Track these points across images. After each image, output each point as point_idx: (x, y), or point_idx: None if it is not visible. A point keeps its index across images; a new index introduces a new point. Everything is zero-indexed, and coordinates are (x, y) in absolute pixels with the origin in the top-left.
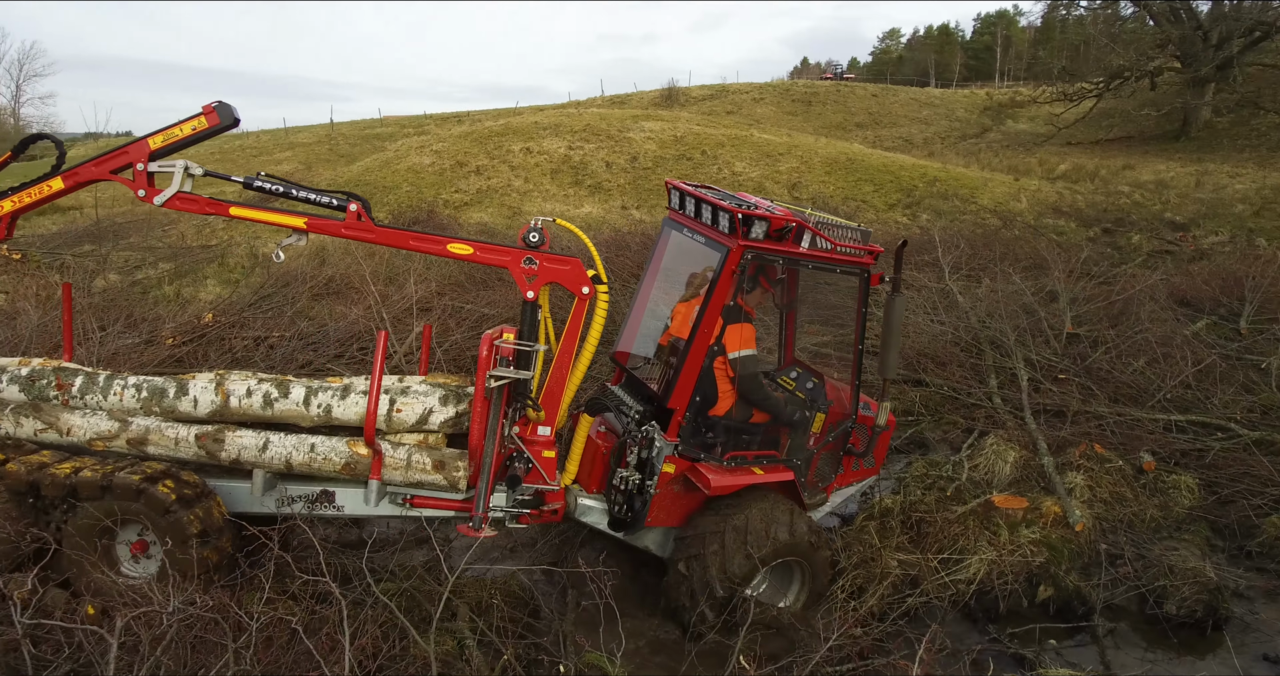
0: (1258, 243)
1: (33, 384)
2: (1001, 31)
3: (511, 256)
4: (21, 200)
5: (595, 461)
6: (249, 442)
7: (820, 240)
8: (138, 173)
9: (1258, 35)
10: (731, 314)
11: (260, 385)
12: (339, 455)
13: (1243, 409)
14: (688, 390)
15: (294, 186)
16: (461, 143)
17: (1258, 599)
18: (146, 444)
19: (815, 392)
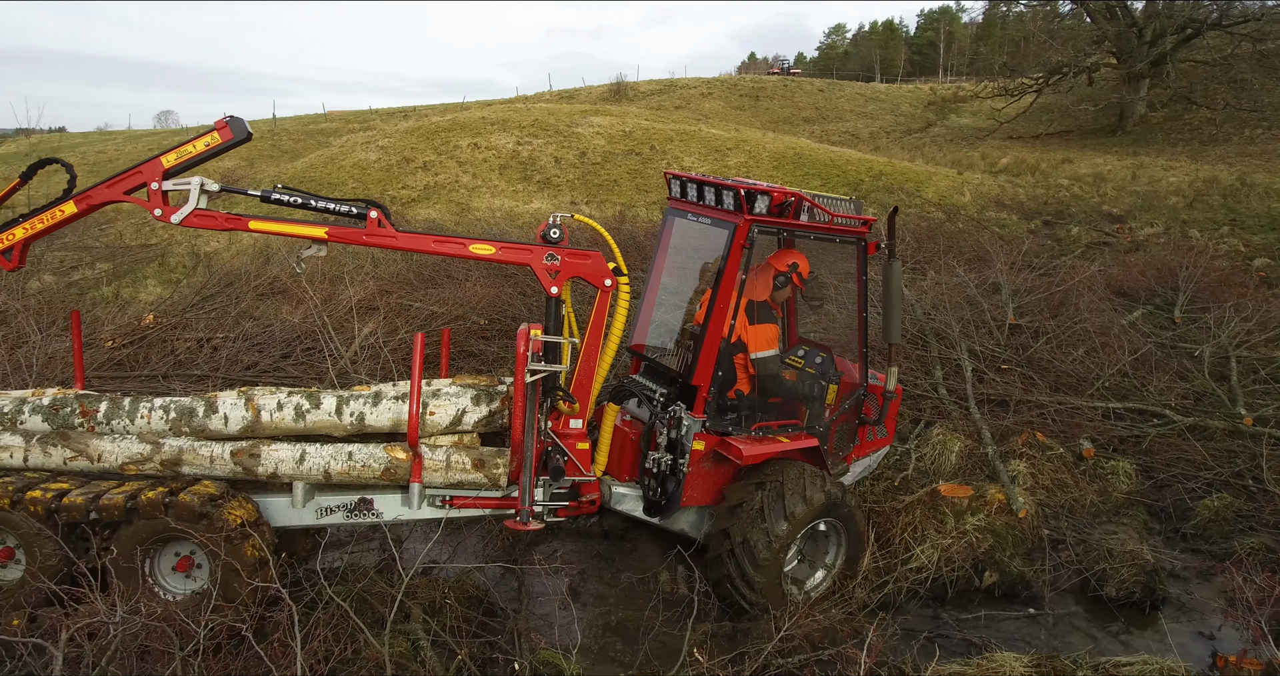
0: (1190, 234)
1: (56, 413)
2: (944, 28)
3: (533, 253)
4: (34, 226)
5: (625, 450)
6: (286, 455)
7: (818, 212)
8: (152, 192)
9: (1190, 32)
10: (756, 313)
11: (290, 398)
12: (378, 461)
13: (1177, 396)
14: (709, 366)
15: (312, 197)
16: (408, 138)
17: (1192, 579)
18: (181, 464)
19: (825, 366)
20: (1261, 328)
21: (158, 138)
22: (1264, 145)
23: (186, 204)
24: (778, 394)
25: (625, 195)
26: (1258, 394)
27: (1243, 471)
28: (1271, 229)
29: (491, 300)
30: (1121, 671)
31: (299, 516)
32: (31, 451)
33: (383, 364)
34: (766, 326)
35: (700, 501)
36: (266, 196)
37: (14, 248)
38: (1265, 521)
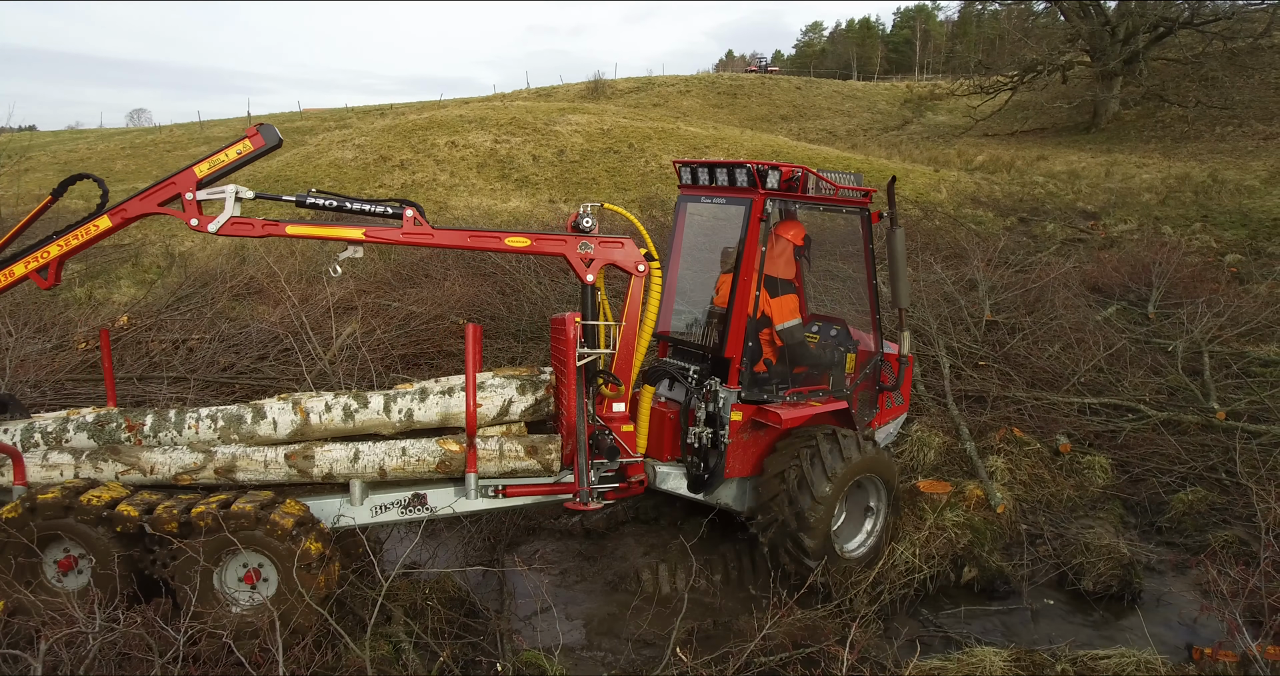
0: (1163, 230)
1: (102, 429)
2: (920, 26)
3: (567, 244)
4: (69, 243)
5: (664, 430)
6: (340, 455)
7: (823, 185)
8: (187, 202)
9: (1162, 31)
10: (775, 287)
11: (338, 399)
12: (432, 455)
13: (1151, 391)
14: (740, 338)
15: (347, 199)
16: (385, 137)
17: (1167, 572)
18: (235, 471)
19: (840, 337)
20: (1233, 323)
21: (130, 136)
22: (1234, 142)
23: (222, 212)
24: (804, 362)
25: (604, 193)
26: (1230, 388)
27: (1216, 465)
28: (1242, 225)
29: (471, 300)
30: (1099, 664)
31: (355, 516)
32: (82, 467)
33: (361, 365)
34: (787, 297)
35: (742, 472)
36: (302, 201)
37: (49, 265)
38: (1238, 514)
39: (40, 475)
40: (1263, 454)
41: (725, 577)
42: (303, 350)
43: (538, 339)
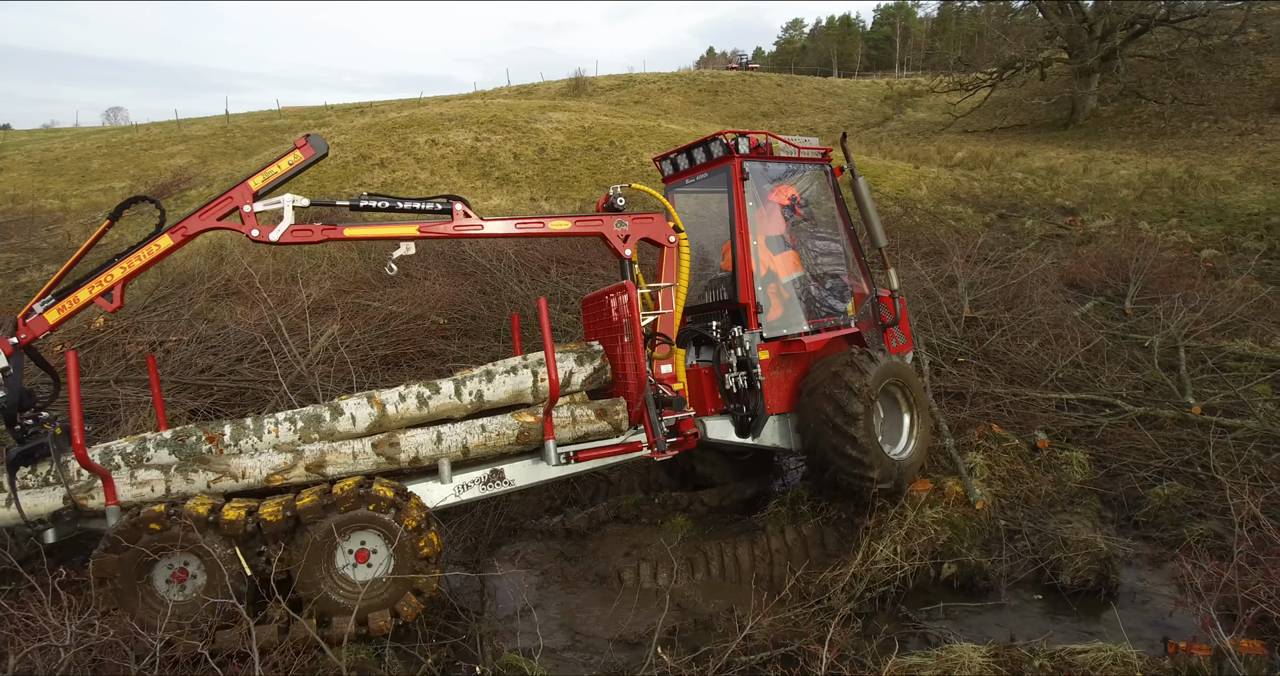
0: (1140, 226)
1: (182, 444)
2: (900, 23)
3: (604, 223)
4: (131, 264)
5: (702, 386)
6: (423, 439)
7: (786, 147)
8: (246, 215)
9: (1138, 28)
10: (774, 245)
11: (410, 389)
12: (510, 428)
13: (1128, 386)
14: (749, 285)
15: (398, 200)
16: (365, 135)
17: (1144, 566)
18: (324, 465)
19: (837, 284)
20: (1209, 318)
21: (106, 135)
22: (1210, 138)
23: (281, 221)
24: (811, 308)
25: (585, 191)
26: (1205, 383)
27: (1191, 459)
28: (1218, 220)
29: (451, 299)
30: (1076, 659)
31: (440, 495)
32: (173, 480)
33: (339, 366)
34: (787, 253)
35: (780, 408)
36: (355, 204)
37: (114, 288)
38: (1213, 508)
39: (131, 493)
40: (1237, 448)
41: (707, 577)
42: (282, 352)
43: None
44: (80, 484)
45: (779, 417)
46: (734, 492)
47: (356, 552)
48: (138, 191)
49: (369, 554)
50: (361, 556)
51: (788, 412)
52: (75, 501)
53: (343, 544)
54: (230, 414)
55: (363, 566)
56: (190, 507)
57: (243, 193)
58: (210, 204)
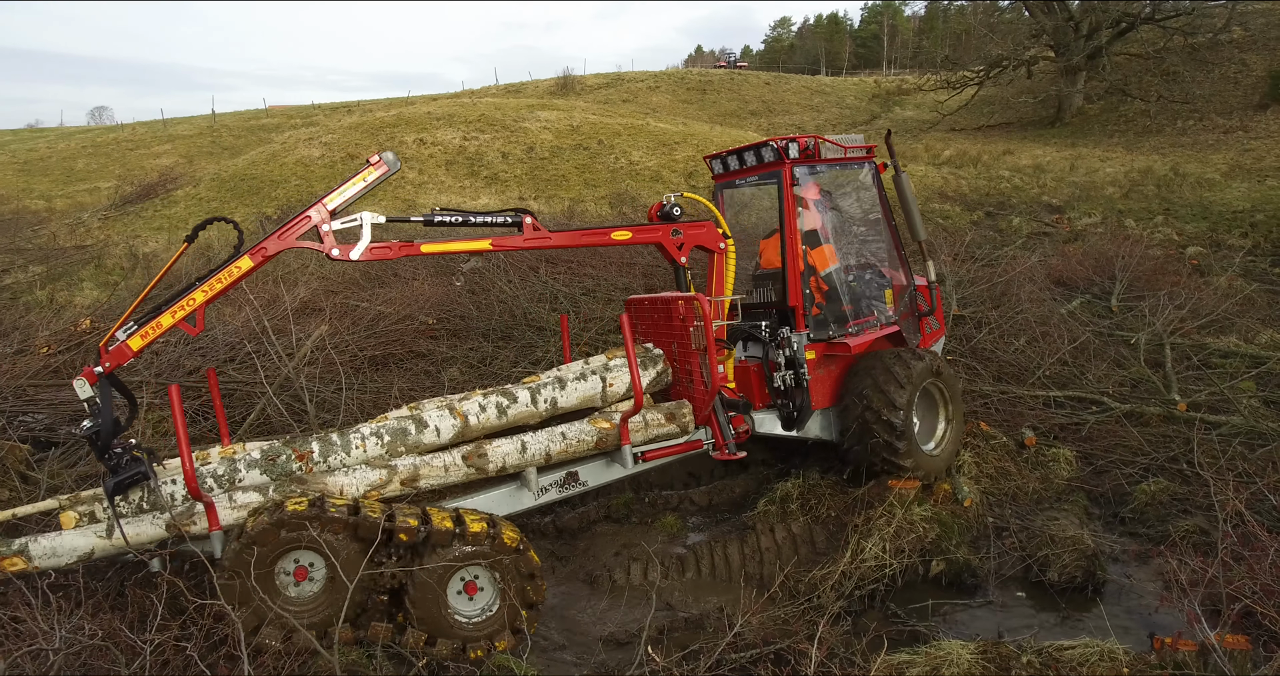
0: (1126, 224)
1: (273, 463)
2: (888, 21)
3: (662, 232)
4: (212, 287)
5: (750, 383)
6: (509, 449)
7: (834, 148)
8: (325, 234)
9: (1124, 26)
10: (811, 239)
11: (488, 398)
12: (589, 435)
13: (1114, 383)
14: (798, 288)
15: (471, 214)
16: (352, 134)
17: (1130, 562)
18: (418, 479)
19: (874, 277)
20: (1194, 315)
21: (92, 135)
22: (1195, 136)
23: (361, 239)
24: (849, 299)
25: (574, 190)
26: (1190, 380)
27: (1177, 456)
28: (1203, 218)
29: (439, 299)
30: (1063, 655)
31: (520, 501)
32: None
33: (328, 366)
34: (823, 248)
35: (823, 403)
36: (429, 220)
37: (196, 312)
38: (1198, 504)
39: (232, 517)
40: (1222, 445)
41: (697, 575)
42: (271, 351)
43: (508, 338)
44: (180, 510)
45: (820, 411)
46: (723, 491)
47: (467, 584)
48: (123, 191)
49: (477, 588)
50: (471, 589)
51: (830, 407)
52: (180, 528)
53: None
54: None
55: (470, 598)
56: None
57: (319, 211)
58: (288, 223)
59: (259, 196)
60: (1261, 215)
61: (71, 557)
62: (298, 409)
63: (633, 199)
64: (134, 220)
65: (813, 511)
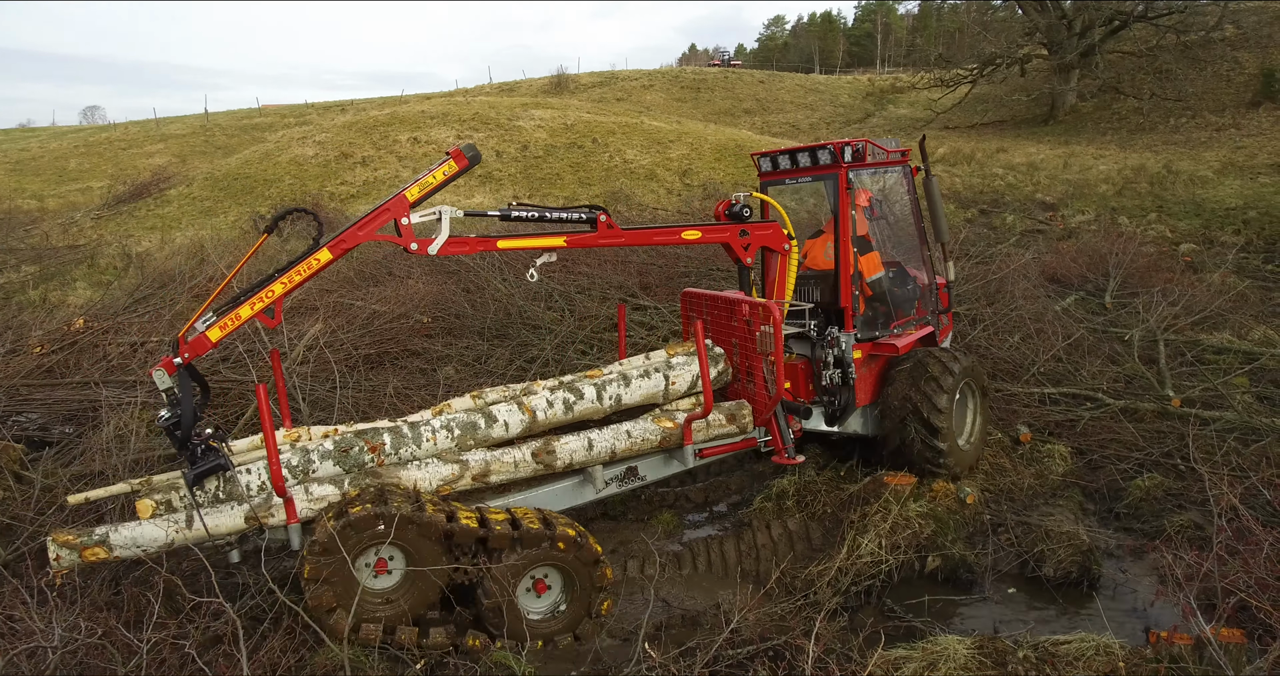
0: (1120, 221)
1: (346, 454)
2: (881, 19)
3: (731, 232)
4: (291, 279)
5: (798, 380)
6: (576, 446)
7: (879, 151)
8: (404, 227)
9: (1117, 24)
10: (861, 245)
11: (556, 394)
12: (652, 434)
13: (1109, 379)
14: (849, 291)
15: (547, 210)
16: (346, 133)
17: (1126, 557)
18: (489, 475)
19: (901, 276)
20: (1187, 311)
21: (84, 134)
22: (1188, 133)
23: (440, 233)
24: (891, 303)
25: (568, 188)
26: (1184, 376)
27: (1171, 451)
28: (1196, 215)
29: (435, 298)
30: (1059, 649)
31: (583, 495)
32: (348, 494)
33: (323, 365)
34: (871, 254)
35: (865, 401)
36: (506, 215)
37: (274, 304)
38: (1193, 499)
39: (309, 510)
40: (1216, 440)
41: (693, 572)
42: (263, 351)
43: (503, 337)
44: (258, 501)
45: (860, 408)
46: (719, 488)
47: (536, 582)
48: (116, 191)
49: (546, 587)
50: (540, 587)
51: (869, 404)
52: (259, 519)
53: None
54: (211, 415)
55: (540, 596)
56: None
57: (399, 205)
58: (368, 216)
59: (252, 195)
60: (1254, 212)
61: (152, 547)
62: (292, 408)
63: (627, 197)
64: (127, 220)
65: (809, 508)
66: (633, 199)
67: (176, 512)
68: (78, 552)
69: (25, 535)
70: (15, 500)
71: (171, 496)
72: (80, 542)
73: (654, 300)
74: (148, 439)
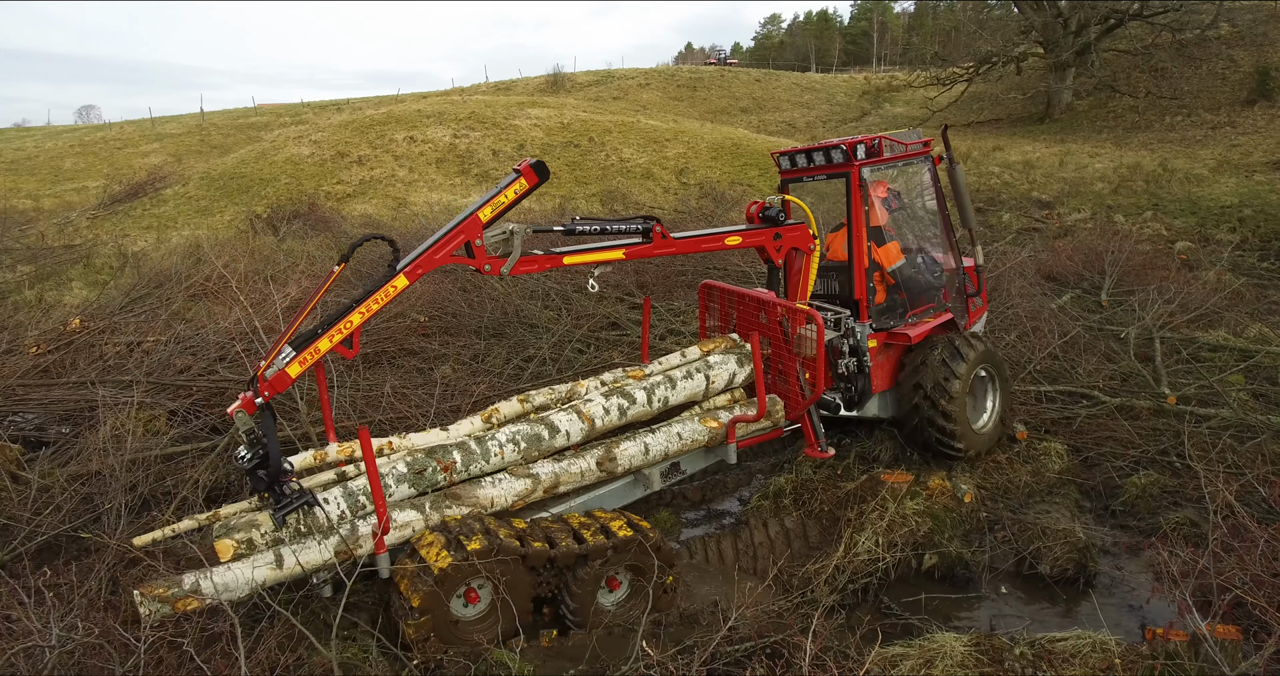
0: (1116, 219)
1: (420, 476)
2: (877, 18)
3: (766, 235)
4: (369, 309)
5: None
6: (634, 451)
7: (896, 146)
8: (478, 249)
9: (1112, 22)
10: (878, 237)
11: (610, 401)
12: (700, 435)
13: (1105, 377)
14: (863, 282)
15: (607, 221)
16: (342, 132)
17: (1122, 554)
18: (559, 486)
19: (928, 263)
20: (1183, 309)
21: (79, 134)
22: (1183, 131)
23: (513, 252)
24: (913, 291)
25: (564, 187)
26: (1180, 373)
27: (1167, 449)
28: (1192, 213)
29: (431, 297)
30: (1056, 646)
31: (634, 493)
32: (430, 518)
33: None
34: (890, 244)
35: (882, 387)
36: (570, 229)
37: (354, 333)
38: (1188, 496)
39: (397, 536)
40: (1212, 437)
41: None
42: (261, 350)
43: (500, 336)
44: (347, 534)
45: (879, 394)
46: (717, 486)
47: (609, 580)
48: (111, 190)
49: (618, 582)
50: (613, 583)
51: (888, 390)
52: (351, 552)
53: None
54: (208, 414)
55: (612, 591)
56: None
57: (473, 226)
58: (442, 240)
59: (248, 195)
60: (1249, 210)
61: (244, 591)
62: (289, 408)
63: (624, 196)
64: (123, 219)
65: (806, 506)
66: (629, 198)
67: (262, 552)
68: (169, 605)
69: (22, 535)
70: (12, 500)
71: (253, 534)
72: (172, 595)
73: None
74: (144, 439)
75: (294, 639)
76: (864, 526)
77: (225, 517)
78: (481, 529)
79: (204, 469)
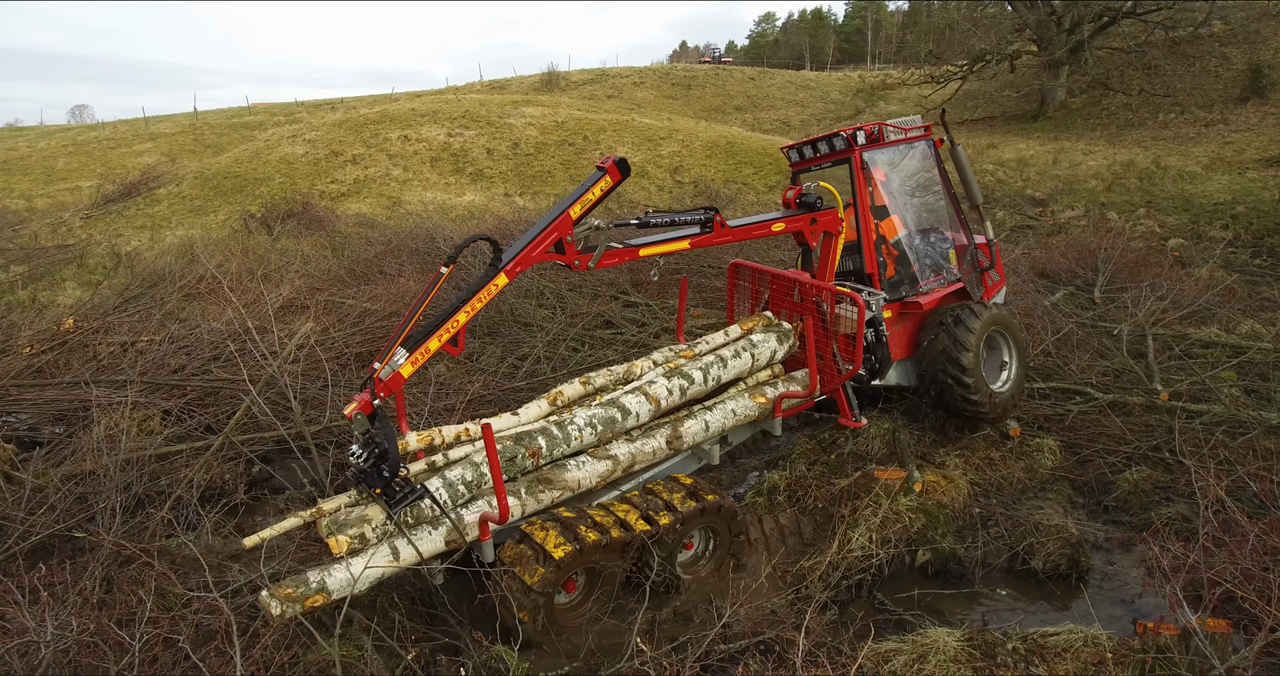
0: (1109, 216)
1: (512, 463)
2: (871, 16)
3: (804, 220)
4: (474, 307)
5: (840, 339)
6: (696, 429)
7: (895, 131)
8: (569, 245)
9: (1106, 20)
10: (879, 212)
11: (671, 382)
12: (751, 410)
13: (1097, 374)
14: (873, 256)
15: (676, 214)
16: (336, 131)
17: (1114, 549)
18: (635, 465)
19: (938, 240)
20: (1175, 306)
21: (72, 133)
22: (1176, 129)
23: (598, 247)
24: (918, 260)
25: (559, 186)
26: (1172, 370)
27: (1159, 444)
28: (1184, 210)
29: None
30: (1048, 641)
31: (691, 466)
32: (527, 504)
33: (315, 364)
34: (890, 218)
35: (900, 355)
36: (645, 222)
37: (459, 332)
38: (1180, 492)
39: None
40: (1204, 433)
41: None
42: (255, 350)
43: (494, 334)
44: (458, 521)
45: (898, 362)
46: (710, 483)
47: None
48: (105, 190)
49: (693, 544)
50: (689, 545)
51: (907, 358)
52: (464, 538)
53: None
54: (202, 414)
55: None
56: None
57: (565, 224)
58: (537, 238)
59: (243, 194)
60: (1242, 207)
61: (365, 585)
62: (283, 407)
63: (619, 195)
64: (116, 219)
65: (800, 502)
66: (624, 196)
67: (374, 545)
68: (299, 604)
69: (16, 535)
70: (6, 500)
71: (364, 529)
72: (301, 593)
73: (645, 297)
74: (138, 438)
75: (289, 636)
76: (858, 523)
77: (328, 514)
78: (590, 520)
79: (199, 468)
